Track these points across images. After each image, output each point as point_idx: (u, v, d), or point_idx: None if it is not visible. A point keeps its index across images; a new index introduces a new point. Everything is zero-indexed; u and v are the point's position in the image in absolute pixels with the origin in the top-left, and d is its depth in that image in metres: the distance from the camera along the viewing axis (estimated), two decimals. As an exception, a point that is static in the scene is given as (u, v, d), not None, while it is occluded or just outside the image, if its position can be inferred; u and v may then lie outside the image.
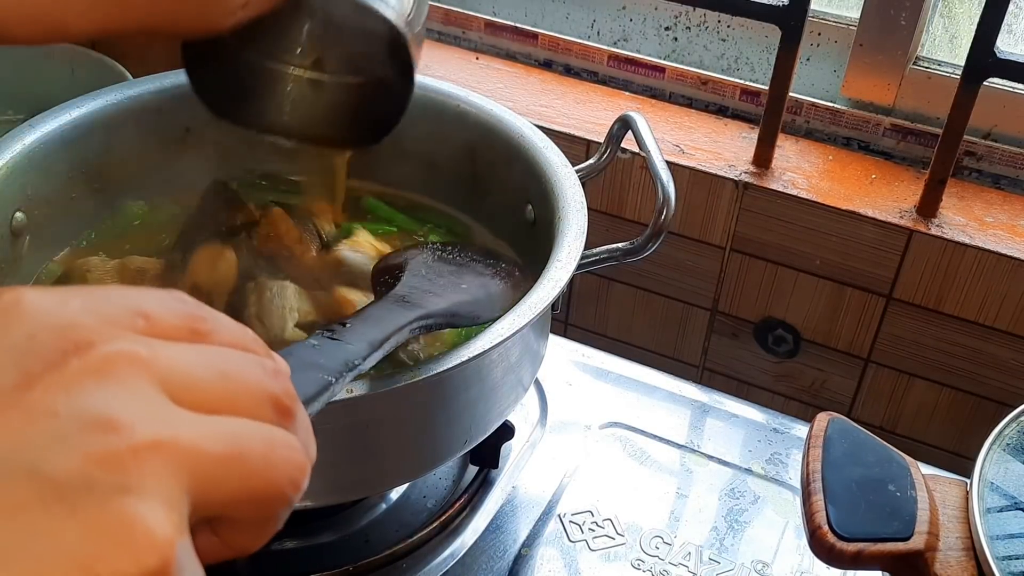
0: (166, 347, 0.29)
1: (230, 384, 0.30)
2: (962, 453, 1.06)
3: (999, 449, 0.66)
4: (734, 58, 1.14)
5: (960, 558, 0.61)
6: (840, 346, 1.06)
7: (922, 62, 1.04)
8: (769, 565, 0.78)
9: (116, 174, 0.85)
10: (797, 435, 0.90)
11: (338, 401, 0.59)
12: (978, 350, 0.99)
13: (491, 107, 0.86)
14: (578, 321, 1.19)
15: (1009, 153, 1.02)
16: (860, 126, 1.07)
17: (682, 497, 0.84)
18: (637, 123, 0.81)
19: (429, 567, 0.76)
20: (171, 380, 0.28)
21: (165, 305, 0.31)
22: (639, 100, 1.15)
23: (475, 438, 0.72)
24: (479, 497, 0.82)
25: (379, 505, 0.81)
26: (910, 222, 0.97)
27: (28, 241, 0.78)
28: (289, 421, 0.31)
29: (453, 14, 1.22)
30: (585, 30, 1.19)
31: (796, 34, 0.96)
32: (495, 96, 1.05)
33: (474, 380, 0.68)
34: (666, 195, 0.73)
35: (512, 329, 0.63)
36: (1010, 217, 0.99)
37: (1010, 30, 1.00)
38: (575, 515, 0.81)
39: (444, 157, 0.89)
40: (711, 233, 1.06)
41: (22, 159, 0.76)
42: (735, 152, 1.06)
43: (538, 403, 0.92)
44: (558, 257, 0.70)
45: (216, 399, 0.29)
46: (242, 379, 0.30)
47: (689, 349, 1.15)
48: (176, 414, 0.28)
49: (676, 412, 0.92)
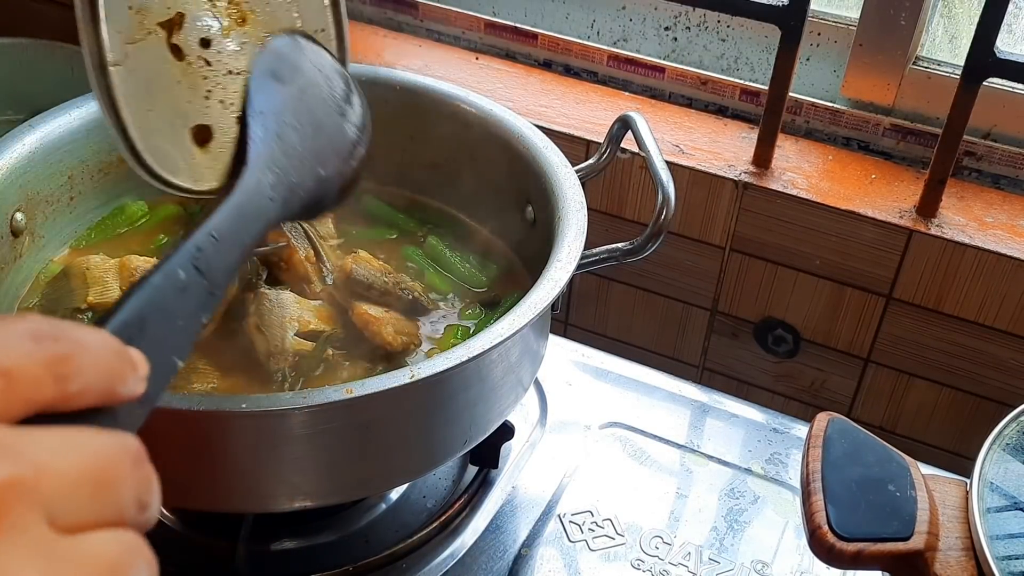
0: (37, 446, 0.29)
1: (103, 498, 0.31)
2: (962, 453, 1.06)
3: (999, 449, 0.66)
4: (734, 58, 1.14)
5: (960, 558, 0.61)
6: (840, 346, 1.06)
7: (922, 62, 1.04)
8: (769, 565, 0.78)
9: (116, 174, 0.85)
10: (797, 435, 0.91)
11: (338, 402, 0.59)
12: (978, 350, 0.99)
13: (491, 107, 0.86)
14: (578, 321, 1.19)
15: (1009, 153, 1.02)
16: (860, 126, 1.07)
17: (682, 497, 0.84)
18: (637, 123, 0.81)
19: (429, 567, 0.76)
20: (52, 506, 0.29)
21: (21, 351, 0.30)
22: (639, 100, 1.15)
23: (475, 438, 0.72)
24: (479, 497, 0.82)
25: (379, 505, 0.81)
26: (910, 222, 0.97)
27: (28, 241, 0.78)
28: (145, 512, 0.32)
29: (453, 14, 1.22)
30: (585, 30, 1.19)
31: (796, 34, 0.96)
32: (495, 96, 1.05)
33: (474, 380, 0.68)
34: (666, 195, 0.73)
35: (512, 329, 0.63)
36: (1010, 217, 0.99)
37: (1010, 30, 1.00)
38: (575, 515, 0.81)
39: (444, 157, 0.89)
40: (711, 233, 1.06)
41: (22, 159, 0.77)
42: (735, 152, 1.06)
43: (538, 403, 0.92)
44: (558, 257, 0.70)
45: (91, 518, 0.30)
46: (113, 489, 0.31)
47: (689, 349, 1.15)
48: (59, 550, 0.29)
49: (676, 412, 0.92)
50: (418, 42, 1.24)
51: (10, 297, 0.77)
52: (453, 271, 0.84)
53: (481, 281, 0.84)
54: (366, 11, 1.28)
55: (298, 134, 0.60)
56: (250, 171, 0.55)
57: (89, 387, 0.32)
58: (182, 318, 0.42)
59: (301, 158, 0.59)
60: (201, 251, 0.46)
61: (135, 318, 0.39)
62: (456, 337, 0.77)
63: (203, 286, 0.45)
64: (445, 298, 0.82)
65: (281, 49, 0.64)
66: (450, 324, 0.79)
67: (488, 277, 0.84)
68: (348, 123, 0.66)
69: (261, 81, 0.61)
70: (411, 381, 0.60)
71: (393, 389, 0.60)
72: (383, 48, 1.23)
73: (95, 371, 0.32)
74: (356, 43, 1.23)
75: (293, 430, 0.62)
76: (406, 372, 0.60)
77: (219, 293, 0.46)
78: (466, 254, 0.86)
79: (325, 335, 0.73)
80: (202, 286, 0.45)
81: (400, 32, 1.26)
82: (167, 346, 0.40)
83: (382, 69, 0.91)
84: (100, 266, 0.78)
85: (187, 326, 0.43)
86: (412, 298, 0.78)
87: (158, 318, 0.40)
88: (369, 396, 0.59)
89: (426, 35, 1.25)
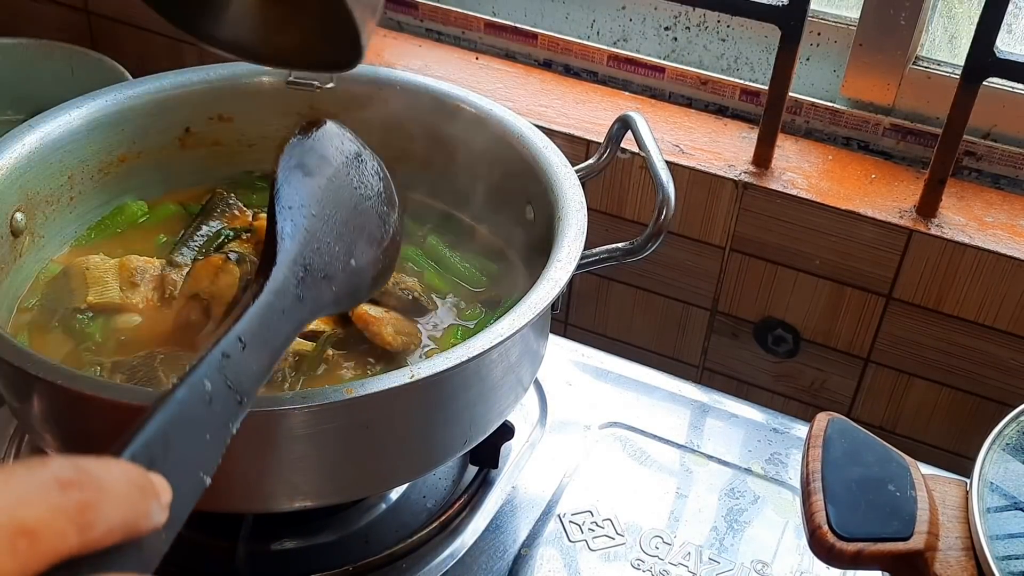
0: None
1: None
2: (962, 453, 1.06)
3: (999, 449, 0.66)
4: (734, 58, 1.14)
5: (960, 558, 0.61)
6: (840, 346, 1.06)
7: (922, 62, 1.04)
8: (769, 565, 0.78)
9: (116, 174, 0.85)
10: (797, 435, 0.91)
11: (338, 402, 0.59)
12: (978, 350, 0.99)
13: (491, 107, 0.86)
14: (578, 321, 1.19)
15: (1009, 153, 1.02)
16: (860, 126, 1.07)
17: (682, 497, 0.84)
18: (637, 123, 0.81)
19: (429, 567, 0.76)
20: None
21: (46, 504, 0.30)
22: (639, 100, 1.15)
23: (475, 438, 0.72)
24: (479, 497, 0.82)
25: (379, 505, 0.81)
26: (910, 222, 0.97)
27: (28, 241, 0.78)
28: None
29: (453, 14, 1.22)
30: (585, 30, 1.19)
31: (796, 34, 0.96)
32: (495, 96, 1.05)
33: (474, 380, 0.68)
34: (666, 195, 0.73)
35: (512, 329, 0.63)
36: (1010, 217, 0.99)
37: (1010, 30, 1.00)
38: (575, 515, 0.81)
39: (444, 157, 0.89)
40: (711, 233, 1.06)
41: (22, 159, 0.77)
42: (735, 152, 1.06)
43: (538, 403, 0.92)
44: (558, 257, 0.70)
45: None
46: None
47: (689, 349, 1.15)
48: None
49: (676, 412, 0.92)
50: (418, 42, 1.24)
51: (10, 297, 0.77)
52: (453, 271, 0.84)
53: (481, 281, 0.84)
54: (366, 11, 1.28)
55: (328, 227, 0.58)
56: (278, 269, 0.52)
57: (112, 529, 0.32)
58: (210, 431, 0.40)
59: (332, 252, 0.57)
60: (228, 358, 0.44)
61: (158, 438, 0.38)
62: (456, 337, 0.77)
63: (231, 396, 0.43)
64: (445, 298, 0.82)
65: (307, 140, 0.61)
66: (450, 324, 0.79)
67: (488, 277, 0.84)
68: (379, 209, 0.64)
69: (288, 175, 0.59)
70: (411, 381, 0.60)
71: (393, 389, 0.60)
72: (383, 48, 1.23)
73: (118, 513, 0.32)
74: (356, 43, 1.23)
75: (293, 430, 0.62)
76: (406, 372, 0.60)
77: (249, 401, 0.44)
78: (466, 254, 0.86)
79: (325, 335, 0.73)
80: (230, 396, 0.43)
81: (400, 32, 1.26)
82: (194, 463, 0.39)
83: (382, 69, 0.91)
84: (100, 266, 0.78)
85: (215, 439, 0.41)
86: (412, 298, 0.78)
87: (183, 435, 0.39)
88: (369, 396, 0.59)
89: (426, 35, 1.25)
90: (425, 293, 0.80)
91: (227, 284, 0.73)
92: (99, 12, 1.30)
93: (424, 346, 0.77)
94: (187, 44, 1.26)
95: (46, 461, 0.31)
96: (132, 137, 0.85)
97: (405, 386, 0.60)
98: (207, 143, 0.90)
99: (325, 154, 0.62)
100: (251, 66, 0.90)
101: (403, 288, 0.78)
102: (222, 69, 0.89)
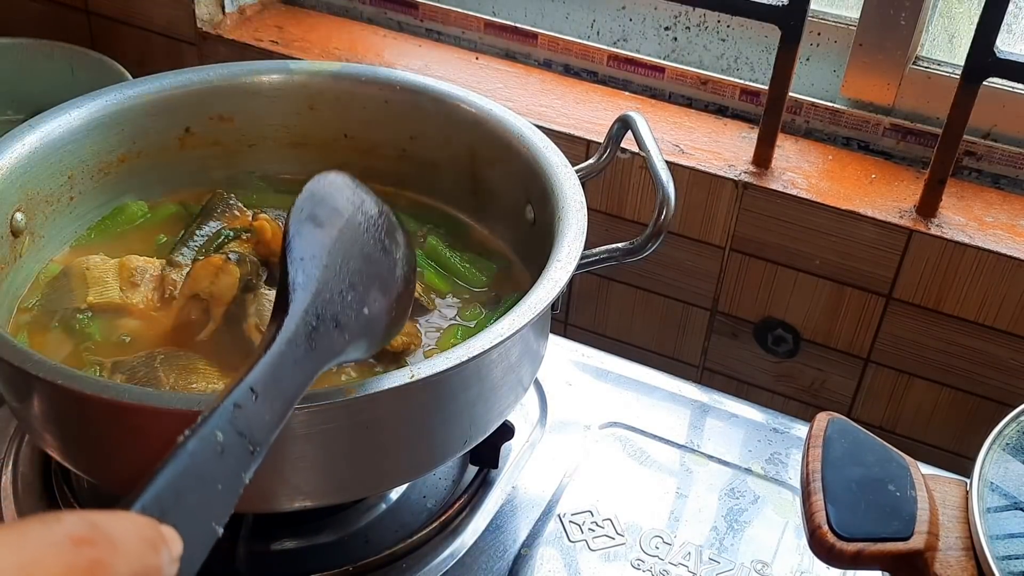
0: None
1: None
2: (962, 453, 1.06)
3: (999, 449, 0.66)
4: (734, 58, 1.14)
5: (960, 558, 0.61)
6: (840, 346, 1.06)
7: (922, 62, 1.04)
8: (769, 565, 0.78)
9: (116, 174, 0.85)
10: (797, 435, 0.91)
11: (338, 402, 0.59)
12: (978, 350, 0.99)
13: (491, 107, 0.86)
14: (578, 321, 1.19)
15: (1009, 153, 1.02)
16: (860, 126, 1.07)
17: (682, 497, 0.84)
18: (637, 123, 0.81)
19: (429, 567, 0.76)
20: None
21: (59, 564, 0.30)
22: (639, 100, 1.15)
23: (475, 438, 0.72)
24: (479, 497, 0.82)
25: (379, 505, 0.81)
26: (910, 222, 0.97)
27: (28, 241, 0.78)
28: None
29: (453, 14, 1.23)
30: (585, 30, 1.19)
31: (796, 34, 0.96)
32: (495, 96, 1.05)
33: (474, 380, 0.68)
34: (666, 195, 0.73)
35: (512, 329, 0.63)
36: (1010, 217, 0.99)
37: (1010, 30, 1.00)
38: (575, 515, 0.81)
39: (444, 157, 0.89)
40: (711, 233, 1.06)
41: (22, 159, 0.77)
42: (735, 152, 1.06)
43: (538, 403, 0.92)
44: (558, 257, 0.70)
45: None
46: None
47: (689, 349, 1.15)
48: None
49: (676, 412, 0.92)
50: (418, 42, 1.24)
51: (10, 297, 0.77)
52: (453, 271, 0.84)
53: (481, 281, 0.84)
54: (366, 11, 1.28)
55: (339, 277, 0.58)
56: (291, 319, 0.52)
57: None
58: (222, 482, 0.40)
59: (344, 301, 0.57)
60: (240, 408, 0.44)
61: (169, 490, 0.38)
62: (456, 337, 0.77)
63: (243, 446, 0.43)
64: (445, 298, 0.82)
65: (318, 191, 0.61)
66: (450, 324, 0.79)
67: (488, 277, 0.84)
68: (392, 258, 0.64)
69: (300, 226, 0.59)
70: (411, 381, 0.60)
71: (393, 389, 0.60)
72: (383, 48, 1.23)
73: (129, 568, 0.32)
74: (356, 43, 1.23)
75: (293, 430, 0.62)
76: (406, 372, 0.60)
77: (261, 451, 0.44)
78: (466, 254, 0.86)
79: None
80: (242, 446, 0.43)
81: (400, 32, 1.26)
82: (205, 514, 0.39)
83: (382, 69, 0.91)
84: (100, 266, 0.78)
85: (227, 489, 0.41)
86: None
87: (194, 486, 0.39)
88: (369, 396, 0.59)
89: (426, 35, 1.25)
90: (425, 293, 0.80)
91: (227, 284, 0.73)
92: (99, 12, 1.30)
93: (424, 346, 0.77)
94: (187, 44, 1.26)
95: (60, 517, 0.32)
96: (132, 137, 0.85)
97: (405, 386, 0.60)
98: (207, 143, 0.89)
99: (336, 205, 0.62)
100: (251, 65, 0.90)
101: (403, 288, 0.78)
102: (222, 69, 0.89)
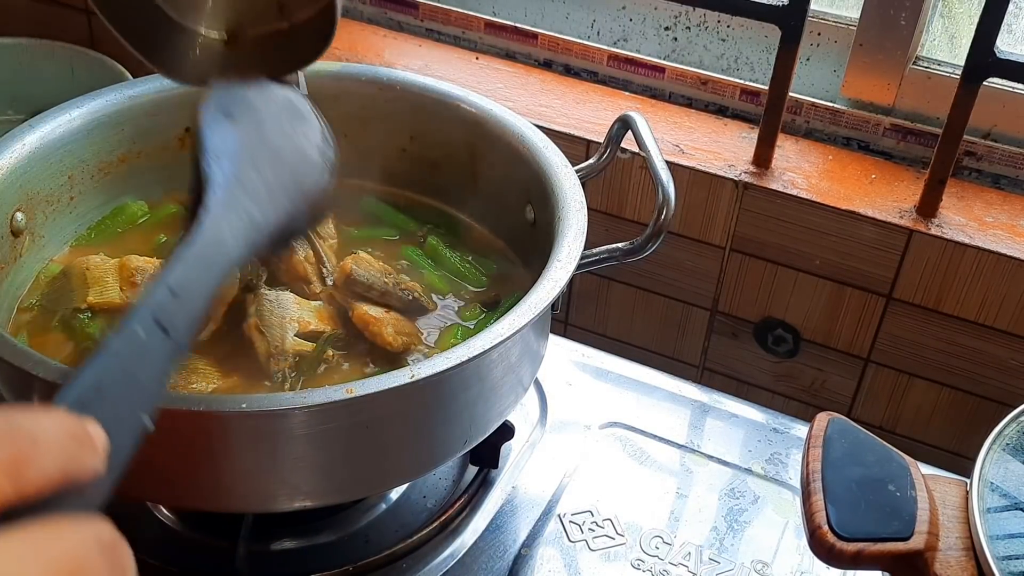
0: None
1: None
2: (962, 453, 1.06)
3: (999, 449, 0.66)
4: (734, 58, 1.14)
5: (960, 558, 0.61)
6: (840, 346, 1.06)
7: (922, 62, 1.04)
8: (769, 565, 0.78)
9: (116, 174, 0.85)
10: (797, 435, 0.91)
11: (338, 402, 0.59)
12: (978, 350, 0.99)
13: (491, 107, 0.86)
14: (578, 321, 1.19)
15: (1009, 153, 1.02)
16: (860, 126, 1.07)
17: (682, 497, 0.84)
18: (637, 123, 0.81)
19: (429, 567, 0.76)
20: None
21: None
22: (639, 100, 1.15)
23: (475, 438, 0.72)
24: (479, 497, 0.82)
25: (379, 505, 0.81)
26: (910, 222, 0.97)
27: (28, 241, 0.78)
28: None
29: (453, 14, 1.22)
30: (585, 30, 1.19)
31: (796, 34, 0.96)
32: (495, 96, 1.05)
33: (474, 380, 0.68)
34: (666, 195, 0.73)
35: (512, 329, 0.63)
36: (1010, 217, 0.99)
37: (1010, 30, 1.00)
38: (575, 515, 0.81)
39: (444, 157, 0.89)
40: (711, 233, 1.06)
41: (22, 159, 0.77)
42: (735, 152, 1.06)
43: (538, 403, 0.92)
44: (558, 257, 0.70)
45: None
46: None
47: (689, 349, 1.15)
48: None
49: (676, 412, 0.92)
50: (418, 42, 1.24)
51: (10, 297, 0.77)
52: (453, 271, 0.84)
53: (481, 281, 0.84)
54: (366, 11, 1.28)
55: (258, 171, 0.58)
56: (210, 217, 0.53)
57: (48, 480, 0.32)
58: (145, 377, 0.41)
59: (264, 195, 0.57)
60: (160, 303, 0.45)
61: (91, 385, 0.38)
62: (456, 337, 0.77)
63: (166, 341, 0.44)
64: (445, 298, 0.82)
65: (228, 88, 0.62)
66: (450, 324, 0.79)
67: (488, 277, 0.84)
68: (310, 147, 0.64)
69: (213, 122, 0.59)
70: (411, 381, 0.60)
71: (393, 389, 0.60)
72: (383, 48, 1.23)
73: (52, 462, 0.32)
74: (356, 43, 1.23)
75: (293, 430, 0.62)
76: (406, 372, 0.60)
77: (185, 344, 0.45)
78: (466, 254, 0.86)
79: (325, 336, 0.73)
80: (165, 341, 0.43)
81: (400, 32, 1.26)
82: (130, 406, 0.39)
83: (382, 69, 0.91)
84: (100, 266, 0.78)
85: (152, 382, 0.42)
86: (412, 298, 0.78)
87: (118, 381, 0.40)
88: (369, 396, 0.59)
89: (426, 35, 1.25)
90: (425, 293, 0.80)
91: (227, 284, 0.73)
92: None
93: (424, 346, 0.77)
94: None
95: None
96: (132, 137, 0.85)
97: (405, 386, 0.60)
98: (207, 143, 0.89)
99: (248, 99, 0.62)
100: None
101: (403, 288, 0.78)
102: (222, 69, 0.88)
